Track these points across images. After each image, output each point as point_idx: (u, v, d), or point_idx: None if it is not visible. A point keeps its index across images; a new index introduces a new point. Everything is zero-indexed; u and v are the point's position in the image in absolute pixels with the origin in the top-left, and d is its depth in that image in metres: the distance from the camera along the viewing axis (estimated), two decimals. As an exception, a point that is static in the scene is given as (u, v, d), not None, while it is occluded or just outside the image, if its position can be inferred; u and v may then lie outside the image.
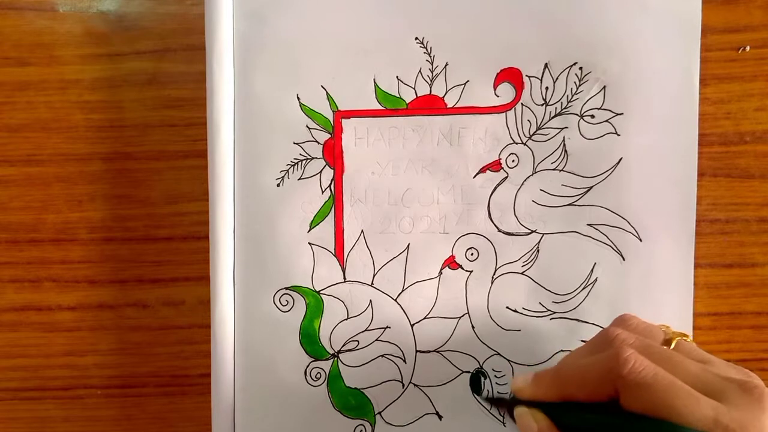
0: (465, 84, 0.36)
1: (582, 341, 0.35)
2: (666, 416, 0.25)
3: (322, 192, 0.36)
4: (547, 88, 0.35)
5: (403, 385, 0.36)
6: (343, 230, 0.36)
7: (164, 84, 0.38)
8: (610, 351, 0.27)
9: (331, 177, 0.36)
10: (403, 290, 0.36)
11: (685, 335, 0.30)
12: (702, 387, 0.26)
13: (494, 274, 0.36)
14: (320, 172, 0.36)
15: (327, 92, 0.36)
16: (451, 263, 0.36)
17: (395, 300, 0.36)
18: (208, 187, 0.36)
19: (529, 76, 0.35)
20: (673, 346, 0.29)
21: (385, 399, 0.36)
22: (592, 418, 0.27)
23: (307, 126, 0.36)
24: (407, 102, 0.36)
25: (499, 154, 0.36)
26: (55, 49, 0.38)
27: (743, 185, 0.36)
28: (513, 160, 0.36)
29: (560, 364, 0.32)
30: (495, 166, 0.36)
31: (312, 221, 0.36)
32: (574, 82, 0.35)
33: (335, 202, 0.36)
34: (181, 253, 0.38)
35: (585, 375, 0.28)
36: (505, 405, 0.34)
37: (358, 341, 0.36)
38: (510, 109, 0.36)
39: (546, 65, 0.35)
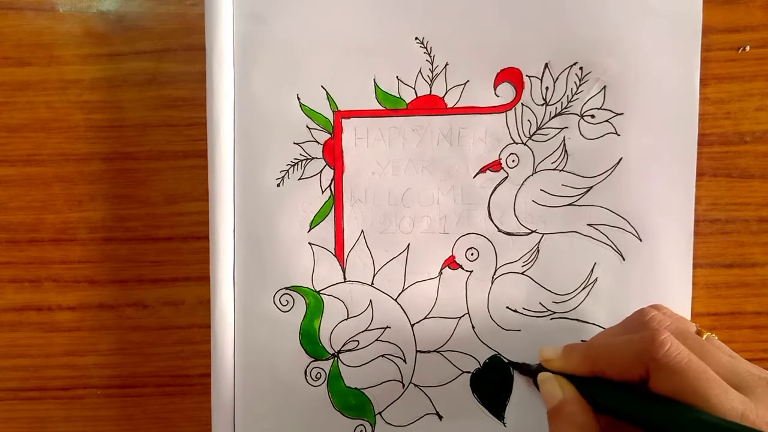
0: (465, 84, 0.36)
1: (582, 341, 0.35)
2: (695, 403, 0.25)
3: (322, 192, 0.36)
4: (547, 88, 0.35)
5: (404, 385, 0.36)
6: (343, 230, 0.36)
7: (164, 84, 0.38)
8: (646, 332, 0.27)
9: (331, 177, 0.36)
10: (403, 290, 0.36)
11: (713, 334, 0.30)
12: (732, 380, 0.26)
13: (494, 274, 0.36)
14: (320, 172, 0.36)
15: (327, 92, 0.36)
16: (451, 263, 0.36)
17: (395, 300, 0.36)
18: (208, 187, 0.36)
19: (529, 76, 0.35)
20: (705, 338, 0.29)
21: (385, 399, 0.36)
22: (620, 396, 0.27)
23: (307, 126, 0.36)
24: (407, 102, 0.36)
25: (499, 154, 0.36)
26: (55, 49, 0.38)
27: (743, 185, 0.36)
28: (513, 160, 0.36)
29: (593, 340, 0.31)
30: (495, 166, 0.36)
31: (312, 221, 0.36)
32: (575, 82, 0.35)
33: (335, 202, 0.36)
34: (181, 253, 0.38)
35: (617, 353, 0.28)
36: (529, 372, 0.34)
37: (358, 341, 0.36)
38: (510, 109, 0.36)
39: (546, 65, 0.35)
